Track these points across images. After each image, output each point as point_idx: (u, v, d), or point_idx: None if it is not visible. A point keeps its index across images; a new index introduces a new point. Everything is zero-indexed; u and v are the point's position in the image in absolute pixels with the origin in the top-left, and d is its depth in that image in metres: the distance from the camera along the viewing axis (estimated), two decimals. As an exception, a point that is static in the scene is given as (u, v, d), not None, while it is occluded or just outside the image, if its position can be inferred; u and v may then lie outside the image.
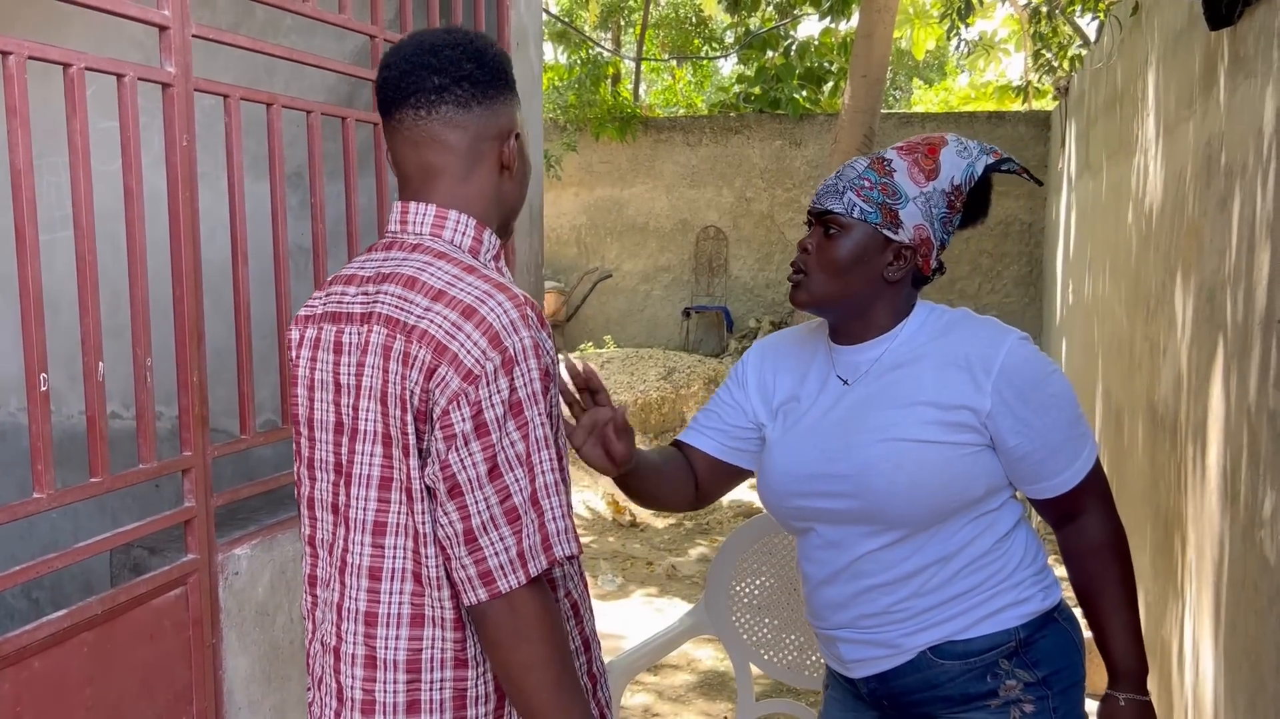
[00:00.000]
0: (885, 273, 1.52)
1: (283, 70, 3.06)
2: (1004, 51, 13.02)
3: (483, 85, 1.28)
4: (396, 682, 1.24)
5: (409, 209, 1.30)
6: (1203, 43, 2.98)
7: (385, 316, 1.22)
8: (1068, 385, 1.54)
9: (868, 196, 1.51)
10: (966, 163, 1.54)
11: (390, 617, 1.24)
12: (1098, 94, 5.64)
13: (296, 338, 1.35)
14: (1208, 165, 2.87)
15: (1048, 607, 1.56)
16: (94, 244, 1.60)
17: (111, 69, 1.63)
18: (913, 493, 1.48)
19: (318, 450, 1.31)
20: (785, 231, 10.98)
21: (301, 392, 1.33)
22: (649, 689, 4.07)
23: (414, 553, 1.22)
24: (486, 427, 1.17)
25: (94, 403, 1.62)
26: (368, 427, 1.23)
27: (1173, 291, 3.29)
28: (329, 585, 1.30)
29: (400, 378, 1.19)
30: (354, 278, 1.31)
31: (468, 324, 1.18)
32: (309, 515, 1.34)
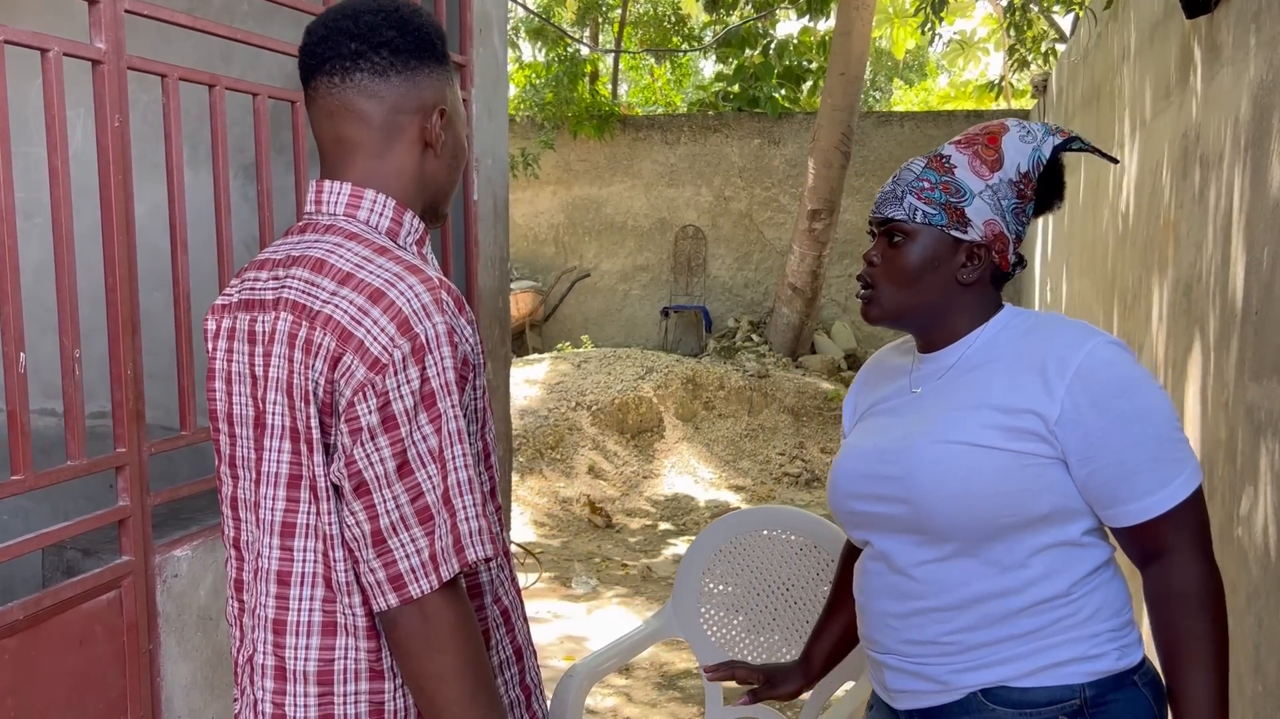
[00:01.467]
0: (959, 275, 1.41)
1: (239, 60, 2.97)
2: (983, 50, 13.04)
3: (404, 54, 1.20)
4: (308, 695, 1.16)
5: (323, 188, 1.22)
6: (1179, 32, 2.93)
7: (292, 302, 1.15)
8: (1162, 400, 1.33)
9: (929, 198, 1.41)
10: (1031, 147, 1.42)
11: (300, 624, 1.16)
12: (1075, 90, 5.61)
13: (213, 328, 1.26)
14: (1184, 157, 2.82)
15: (1123, 667, 1.36)
16: (13, 225, 1.51)
17: (35, 43, 1.54)
18: (963, 500, 1.35)
19: (239, 447, 1.22)
20: (764, 231, 10.93)
21: (219, 385, 1.24)
22: (619, 692, 3.99)
23: (324, 556, 1.14)
24: (395, 419, 1.09)
25: (14, 395, 1.54)
26: (275, 420, 1.15)
27: (1149, 286, 3.24)
28: (251, 590, 1.22)
29: (304, 367, 1.11)
30: (266, 262, 1.23)
31: (375, 309, 1.10)
32: (232, 516, 1.25)
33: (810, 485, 7.43)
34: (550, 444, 7.08)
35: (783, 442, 7.95)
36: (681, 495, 7.08)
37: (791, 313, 9.68)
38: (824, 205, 9.35)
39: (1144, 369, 1.36)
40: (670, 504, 6.93)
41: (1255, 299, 2.06)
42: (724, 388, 8.36)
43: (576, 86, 11.30)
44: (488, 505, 1.16)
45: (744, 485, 7.30)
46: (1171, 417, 1.33)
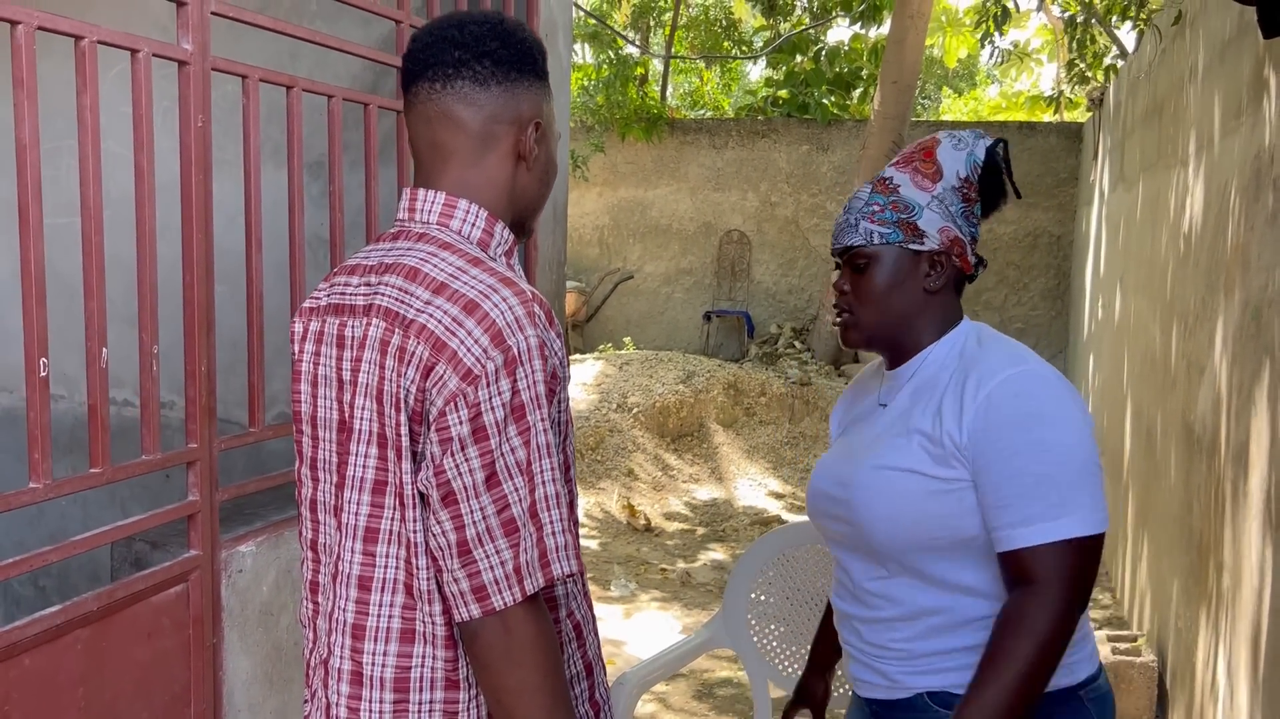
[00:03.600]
0: (926, 285, 1.49)
1: (306, 59, 3.00)
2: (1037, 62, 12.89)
3: (505, 65, 1.21)
4: (383, 701, 1.16)
5: (417, 196, 1.23)
6: (1253, 52, 2.88)
7: (385, 309, 1.15)
8: (1064, 439, 1.36)
9: (882, 219, 1.48)
10: (966, 153, 1.50)
11: (379, 630, 1.16)
12: (1135, 105, 5.52)
13: (300, 331, 1.27)
14: (1256, 179, 2.77)
15: (1064, 684, 1.42)
16: (101, 224, 1.54)
17: (125, 44, 1.57)
18: (895, 524, 1.44)
19: (320, 450, 1.24)
20: (810, 237, 10.88)
21: (304, 388, 1.26)
22: (657, 698, 3.99)
23: (406, 563, 1.14)
24: (485, 430, 1.09)
25: (96, 390, 1.56)
26: (363, 426, 1.16)
27: (1214, 309, 3.18)
28: (328, 594, 1.23)
29: (396, 375, 1.12)
30: (358, 268, 1.24)
31: (469, 320, 1.10)
32: (310, 518, 1.26)
33: (851, 496, 7.38)
34: (590, 445, 7.09)
35: (824, 450, 7.91)
36: (720, 501, 7.06)
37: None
38: (871, 214, 9.28)
39: (1060, 405, 1.38)
40: (709, 509, 6.91)
41: (1334, 328, 2.02)
42: (765, 394, 8.32)
43: (627, 89, 11.31)
44: (572, 520, 1.17)
45: (784, 493, 7.27)
46: (1070, 459, 1.35)
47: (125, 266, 1.78)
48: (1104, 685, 1.49)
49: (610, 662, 4.24)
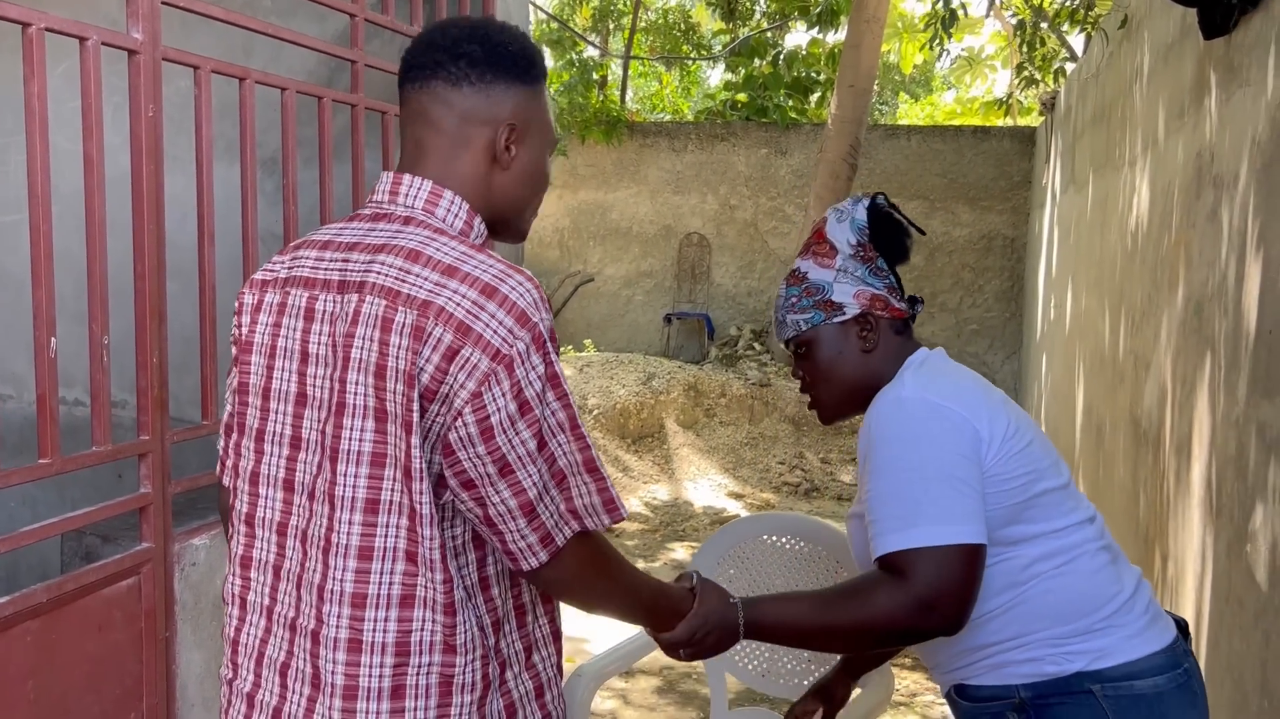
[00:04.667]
0: (863, 347, 1.60)
1: (260, 55, 2.99)
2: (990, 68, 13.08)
3: (480, 66, 1.25)
4: (383, 665, 1.19)
5: (401, 180, 1.27)
6: (1195, 53, 2.96)
7: (382, 288, 1.17)
8: (913, 459, 1.44)
9: (801, 307, 1.62)
10: (847, 223, 1.63)
11: (380, 598, 1.19)
12: (1084, 108, 5.63)
13: (252, 301, 1.29)
14: (1198, 177, 2.84)
15: (1060, 672, 1.46)
16: (49, 212, 1.53)
17: (73, 31, 1.56)
18: (865, 561, 1.55)
19: (271, 422, 1.25)
20: (769, 240, 10.95)
21: (257, 359, 1.27)
22: (617, 695, 4.00)
23: (409, 531, 1.17)
24: (529, 404, 1.16)
25: (45, 380, 1.55)
26: (358, 401, 1.17)
27: (1159, 305, 3.26)
28: (302, 566, 1.23)
29: (407, 352, 1.14)
30: (330, 244, 1.26)
31: (490, 303, 1.15)
32: (249, 491, 1.27)
33: (809, 495, 7.43)
34: (551, 447, 7.09)
35: (783, 451, 7.96)
36: (681, 502, 7.09)
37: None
38: (829, 216, 9.36)
39: (922, 426, 1.46)
40: (669, 510, 6.93)
41: (1269, 318, 2.08)
42: (725, 395, 8.37)
43: (587, 92, 11.32)
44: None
45: (743, 493, 7.31)
46: (915, 475, 1.43)
47: (75, 263, 1.77)
48: (1145, 688, 1.45)
49: (570, 659, 4.24)
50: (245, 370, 1.28)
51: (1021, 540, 1.48)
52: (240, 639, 1.29)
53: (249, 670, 1.27)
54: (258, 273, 1.31)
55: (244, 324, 1.29)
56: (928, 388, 1.50)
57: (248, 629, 1.28)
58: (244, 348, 1.28)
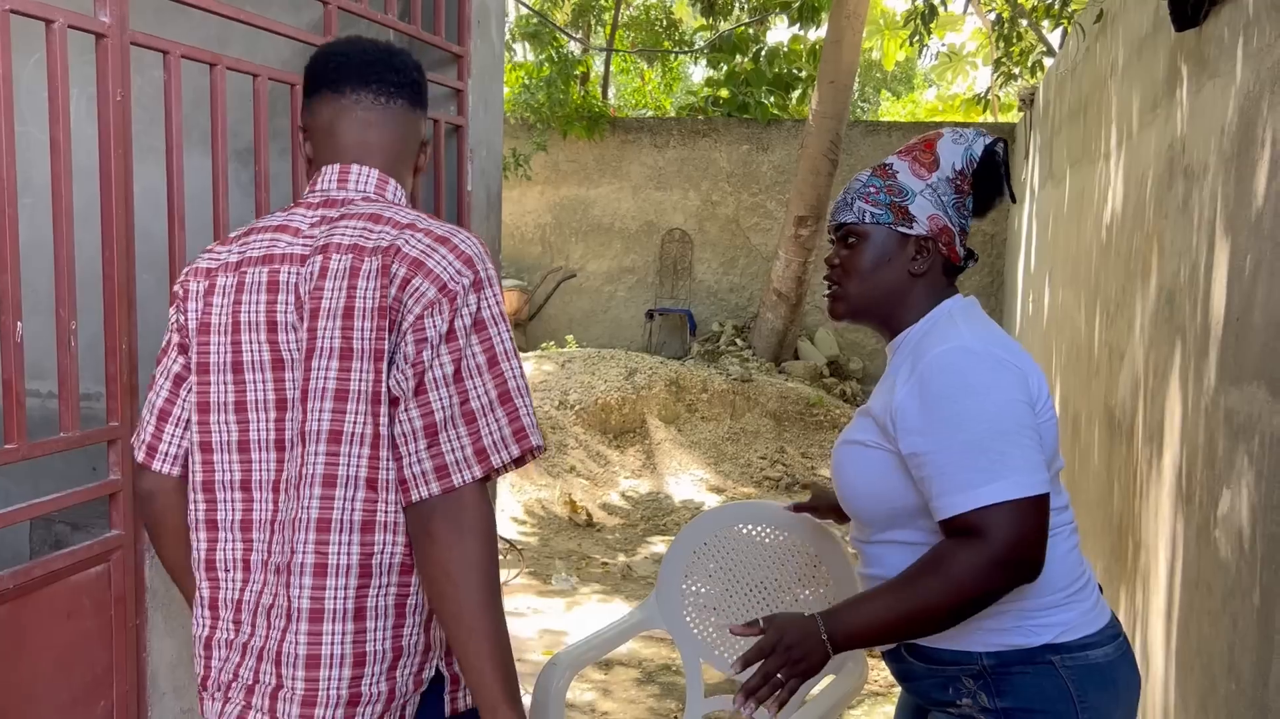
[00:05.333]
0: (911, 267, 1.59)
1: (235, 46, 2.97)
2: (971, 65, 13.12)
3: (410, 95, 1.46)
4: (347, 587, 1.28)
5: (350, 169, 1.41)
6: (1167, 46, 2.98)
7: (348, 245, 1.31)
8: (987, 409, 1.43)
9: (876, 200, 1.58)
10: (963, 148, 1.59)
11: (343, 523, 1.28)
12: (1062, 103, 5.66)
13: (202, 287, 1.38)
14: (1170, 168, 2.86)
15: (1027, 644, 1.49)
16: (14, 194, 1.52)
17: (40, 14, 1.55)
18: (854, 492, 1.58)
19: (251, 392, 1.34)
20: (750, 236, 10.97)
21: (218, 338, 1.35)
22: (597, 686, 4.00)
23: (370, 459, 1.27)
24: (455, 335, 1.26)
25: (10, 364, 1.54)
26: (324, 344, 1.29)
27: (1132, 296, 3.28)
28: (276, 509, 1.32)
29: (375, 291, 1.27)
30: (283, 227, 1.38)
31: (442, 248, 1.30)
32: (239, 459, 1.35)
33: (790, 490, 7.45)
34: (532, 442, 7.08)
35: (764, 445, 7.98)
36: (662, 496, 7.10)
37: (775, 318, 9.71)
38: (810, 212, 9.39)
39: (989, 376, 1.45)
40: (650, 504, 6.94)
41: (1237, 306, 2.10)
42: (707, 391, 8.38)
43: (568, 87, 11.31)
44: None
45: (724, 488, 7.32)
46: (995, 428, 1.41)
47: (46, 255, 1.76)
48: (1098, 657, 1.51)
49: (548, 652, 4.24)
50: (205, 351, 1.36)
51: None
52: (243, 599, 1.35)
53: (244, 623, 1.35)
54: (198, 262, 1.41)
55: (195, 309, 1.38)
56: (991, 342, 1.49)
57: (251, 588, 1.35)
58: (201, 330, 1.36)
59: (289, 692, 1.29)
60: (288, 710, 1.29)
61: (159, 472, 1.42)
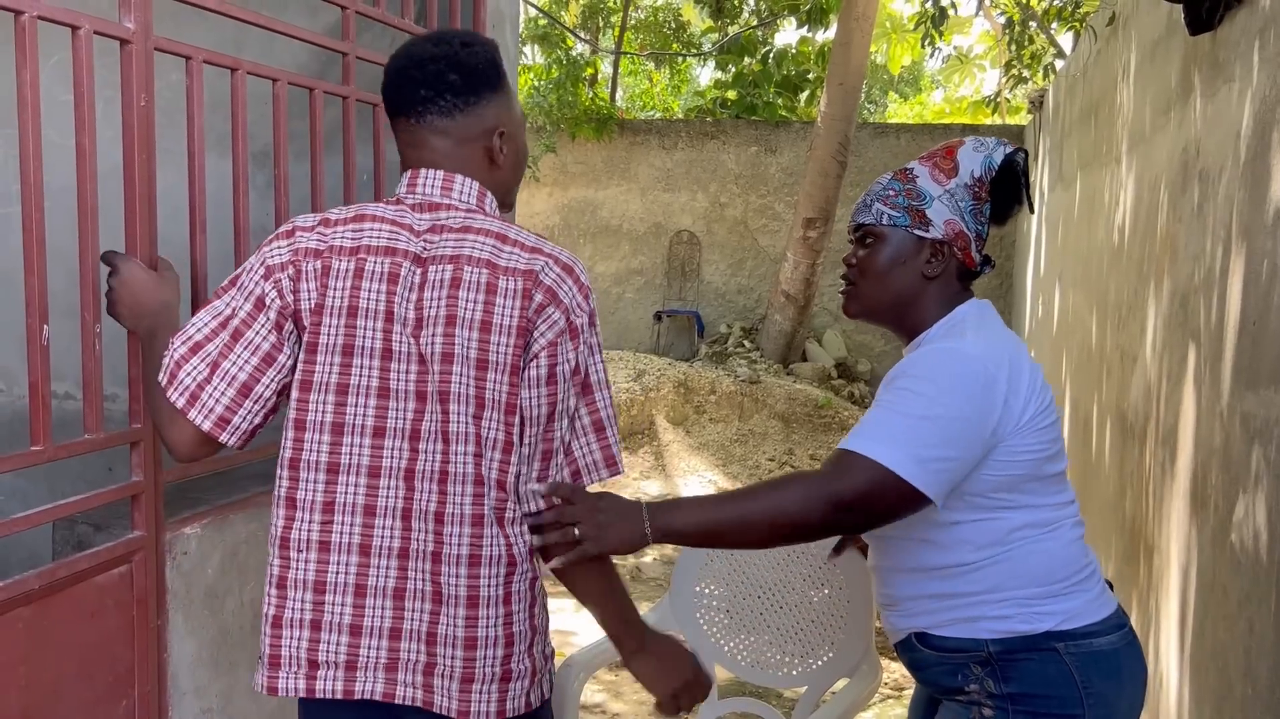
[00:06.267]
0: (925, 270, 1.62)
1: (251, 50, 2.99)
2: (979, 67, 13.11)
3: (465, 94, 1.46)
4: (496, 575, 1.40)
5: (454, 179, 1.48)
6: (1181, 50, 2.98)
7: (482, 259, 1.40)
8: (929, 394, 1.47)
9: (894, 204, 1.62)
10: (983, 155, 1.63)
11: (488, 518, 1.40)
12: (1073, 106, 5.66)
13: (316, 268, 1.42)
14: (1184, 171, 2.86)
15: (1031, 630, 1.53)
16: (41, 201, 1.53)
17: (66, 20, 1.56)
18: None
19: (355, 376, 1.40)
20: (759, 238, 10.98)
21: (331, 320, 1.41)
22: (607, 688, 4.01)
23: (501, 463, 1.40)
24: (579, 369, 1.43)
25: (37, 367, 1.55)
26: (462, 351, 1.38)
27: (1145, 299, 3.28)
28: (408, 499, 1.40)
29: (515, 311, 1.39)
30: (397, 222, 1.45)
31: (569, 279, 1.43)
32: (330, 441, 1.41)
33: (799, 492, 7.46)
34: (541, 443, 7.10)
35: (772, 447, 7.99)
36: (671, 497, 7.11)
37: (784, 320, 9.72)
38: (819, 214, 9.39)
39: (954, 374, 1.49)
40: (660, 506, 6.95)
41: (1253, 310, 2.10)
42: (715, 393, 8.39)
43: (576, 89, 11.32)
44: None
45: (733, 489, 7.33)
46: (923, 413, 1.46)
47: (66, 258, 1.77)
48: (1102, 644, 1.55)
49: (560, 653, 4.25)
50: (316, 331, 1.41)
51: (1012, 508, 1.54)
52: (326, 579, 1.42)
53: (346, 605, 1.42)
54: (301, 240, 1.45)
55: (306, 289, 1.42)
56: (988, 353, 1.52)
57: (335, 569, 1.42)
58: (315, 311, 1.41)
59: (447, 669, 1.40)
60: (446, 687, 1.40)
61: (222, 441, 1.45)
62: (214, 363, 1.42)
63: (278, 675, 1.44)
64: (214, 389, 1.42)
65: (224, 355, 1.42)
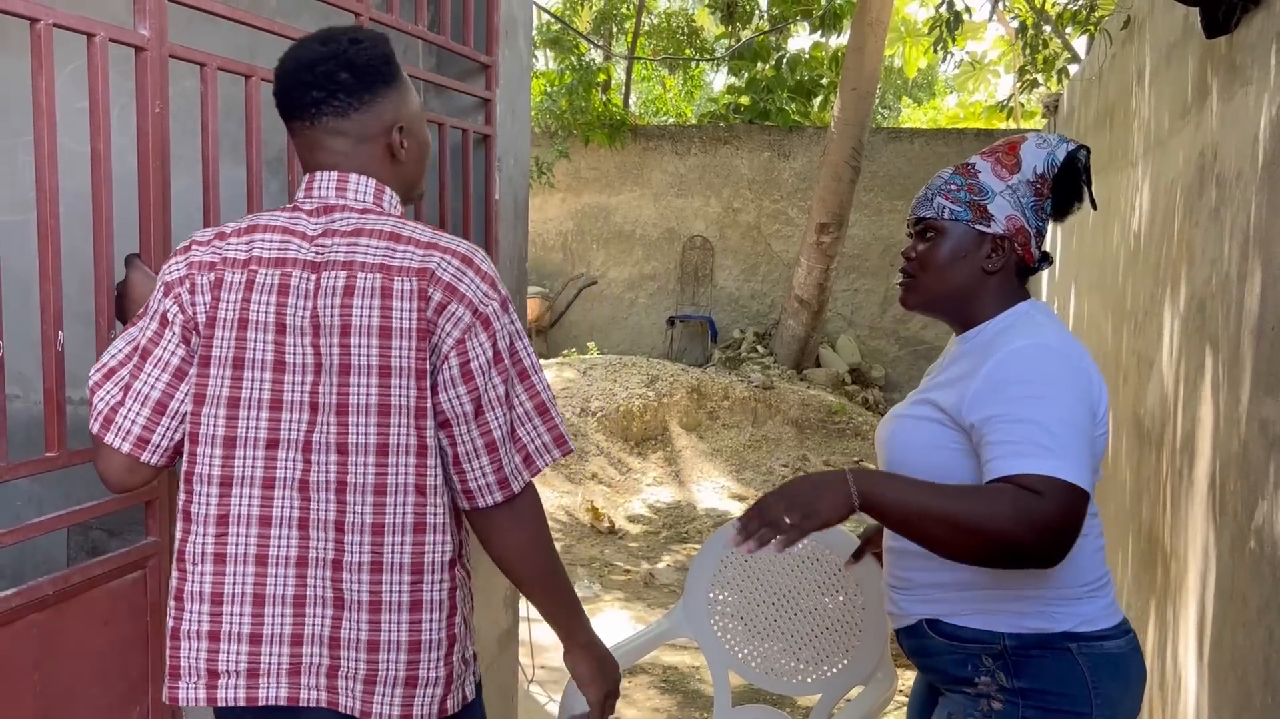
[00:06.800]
0: (985, 265, 1.61)
1: (266, 55, 3.00)
2: (994, 73, 13.08)
3: (357, 92, 1.43)
4: (401, 582, 1.39)
5: (348, 179, 1.45)
6: (1197, 53, 2.96)
7: (375, 264, 1.37)
8: (1062, 400, 1.46)
9: (956, 198, 1.62)
10: (1046, 152, 1.63)
11: (396, 525, 1.38)
12: (1088, 110, 5.64)
13: (208, 281, 1.41)
14: (1200, 176, 2.84)
15: (1050, 629, 1.55)
16: (57, 207, 1.53)
17: (82, 28, 1.57)
18: (903, 463, 1.60)
19: (246, 389, 1.39)
20: (771, 243, 10.97)
21: (223, 333, 1.39)
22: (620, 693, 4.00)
23: (416, 467, 1.38)
24: (500, 355, 1.39)
25: (52, 374, 1.56)
26: (362, 360, 1.36)
27: (1162, 304, 3.26)
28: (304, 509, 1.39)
29: (413, 313, 1.35)
30: (289, 229, 1.42)
31: (469, 270, 1.39)
32: (222, 454, 1.40)
33: (813, 497, 7.44)
34: (555, 449, 7.10)
35: (786, 453, 7.97)
36: (684, 503, 7.10)
37: (797, 325, 9.70)
38: (832, 219, 9.38)
39: (1066, 374, 1.49)
40: (672, 512, 6.94)
41: (1271, 315, 2.08)
42: (729, 398, 8.38)
43: (590, 95, 11.34)
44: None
45: (746, 495, 7.31)
46: (1063, 418, 1.44)
47: (80, 264, 1.78)
48: (1112, 648, 1.56)
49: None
50: (208, 345, 1.40)
51: None
52: (223, 590, 1.41)
53: (244, 614, 1.41)
54: (196, 254, 1.44)
55: (203, 302, 1.41)
56: (1070, 347, 1.53)
57: (231, 580, 1.41)
58: (207, 324, 1.40)
59: (350, 670, 1.40)
60: (350, 688, 1.40)
61: (146, 463, 1.45)
62: (126, 385, 1.44)
63: (178, 686, 1.44)
64: (128, 411, 1.43)
65: (134, 376, 1.43)
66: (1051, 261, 1.69)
